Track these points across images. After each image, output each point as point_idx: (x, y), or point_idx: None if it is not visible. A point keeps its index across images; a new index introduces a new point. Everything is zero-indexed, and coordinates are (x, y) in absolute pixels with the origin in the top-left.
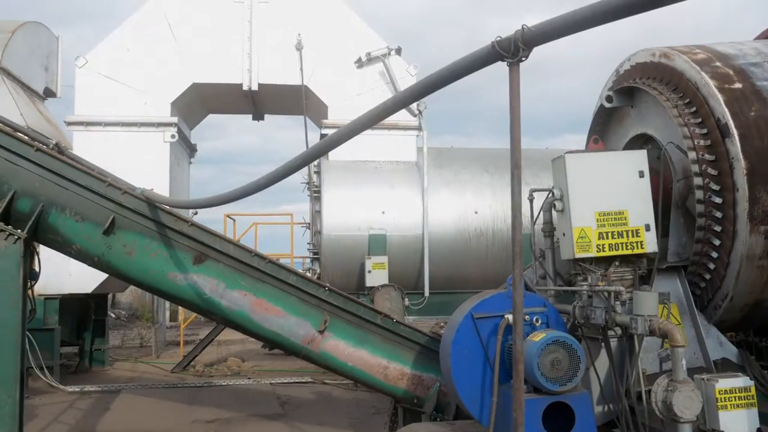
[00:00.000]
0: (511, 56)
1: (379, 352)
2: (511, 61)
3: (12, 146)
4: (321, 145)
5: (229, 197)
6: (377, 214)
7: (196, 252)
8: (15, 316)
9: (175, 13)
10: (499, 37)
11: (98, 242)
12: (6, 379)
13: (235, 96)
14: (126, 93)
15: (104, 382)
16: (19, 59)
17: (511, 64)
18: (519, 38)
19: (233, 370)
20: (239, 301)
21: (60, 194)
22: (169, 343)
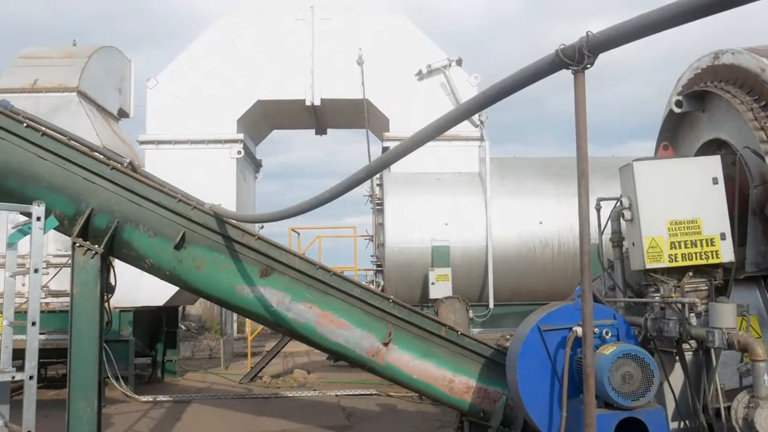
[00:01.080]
0: (576, 64)
1: (444, 365)
2: (575, 69)
3: (89, 165)
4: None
5: (295, 211)
6: (440, 226)
7: (263, 265)
8: (93, 327)
9: (240, 33)
10: (563, 45)
11: (170, 257)
12: (85, 388)
13: (299, 111)
14: (194, 111)
15: (176, 392)
16: (94, 82)
17: (576, 72)
18: (584, 45)
19: (299, 382)
20: (305, 314)
21: (134, 210)
22: (237, 355)
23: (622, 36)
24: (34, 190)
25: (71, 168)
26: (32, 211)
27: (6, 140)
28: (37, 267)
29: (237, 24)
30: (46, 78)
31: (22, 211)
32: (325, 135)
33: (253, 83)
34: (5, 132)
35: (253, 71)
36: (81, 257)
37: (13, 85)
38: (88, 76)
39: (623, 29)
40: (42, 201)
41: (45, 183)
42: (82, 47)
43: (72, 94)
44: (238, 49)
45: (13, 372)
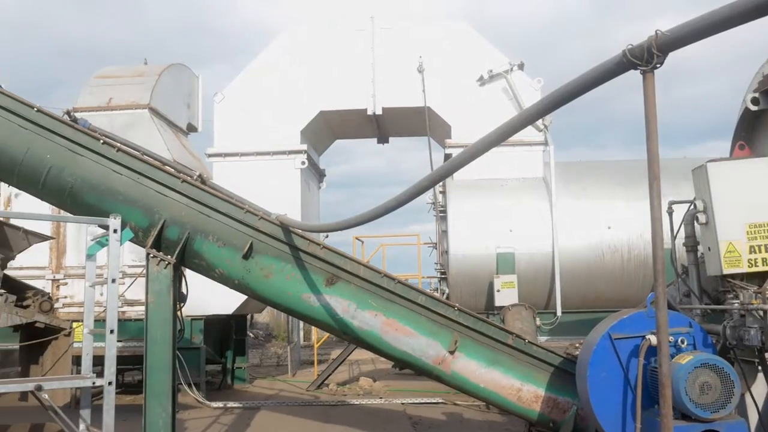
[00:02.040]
0: (645, 64)
1: (511, 373)
2: (644, 69)
3: (161, 179)
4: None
5: (360, 220)
6: (504, 232)
7: (329, 274)
8: (167, 335)
9: (302, 46)
10: (630, 45)
11: (238, 266)
12: (161, 394)
13: (360, 121)
14: (259, 123)
15: (245, 398)
16: (165, 99)
17: (645, 72)
18: (652, 44)
19: (365, 390)
20: (370, 322)
21: (204, 222)
22: (304, 362)
23: (692, 34)
24: (111, 204)
25: (144, 182)
26: (109, 223)
27: (85, 157)
28: (114, 277)
29: (299, 37)
30: (120, 96)
31: (99, 224)
32: (387, 143)
33: (316, 94)
34: (84, 149)
35: (315, 83)
36: (155, 267)
37: (90, 104)
38: (158, 93)
39: (694, 26)
40: (118, 214)
41: (121, 197)
42: (152, 66)
43: (144, 111)
44: (300, 61)
45: (93, 378)
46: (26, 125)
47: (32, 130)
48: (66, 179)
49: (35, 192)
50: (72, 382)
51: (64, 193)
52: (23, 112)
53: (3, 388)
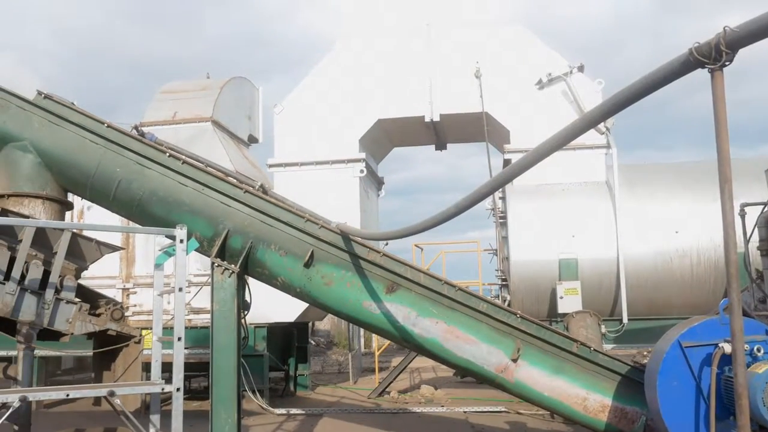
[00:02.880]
0: (713, 62)
1: (577, 382)
2: (713, 67)
3: (225, 189)
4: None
5: (420, 228)
6: (567, 238)
7: (389, 281)
8: (232, 342)
9: (358, 55)
10: (697, 43)
11: (300, 274)
12: (227, 400)
13: (418, 128)
14: (317, 133)
15: (308, 405)
16: (226, 111)
17: (714, 71)
18: (721, 41)
19: (426, 398)
20: (431, 329)
21: (266, 231)
22: (365, 370)
23: (762, 29)
24: (177, 215)
25: (209, 193)
26: (176, 234)
27: (152, 169)
28: (181, 286)
29: (355, 47)
30: (184, 110)
31: (167, 234)
32: (446, 150)
33: (373, 103)
34: (152, 162)
35: (372, 91)
36: (219, 276)
37: (156, 119)
38: (220, 106)
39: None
40: (184, 224)
41: (186, 207)
42: (214, 79)
43: (207, 124)
44: (357, 70)
45: (162, 384)
46: (97, 140)
47: (103, 145)
48: (135, 191)
49: (106, 204)
50: (142, 388)
51: (133, 205)
52: (94, 128)
53: (78, 393)
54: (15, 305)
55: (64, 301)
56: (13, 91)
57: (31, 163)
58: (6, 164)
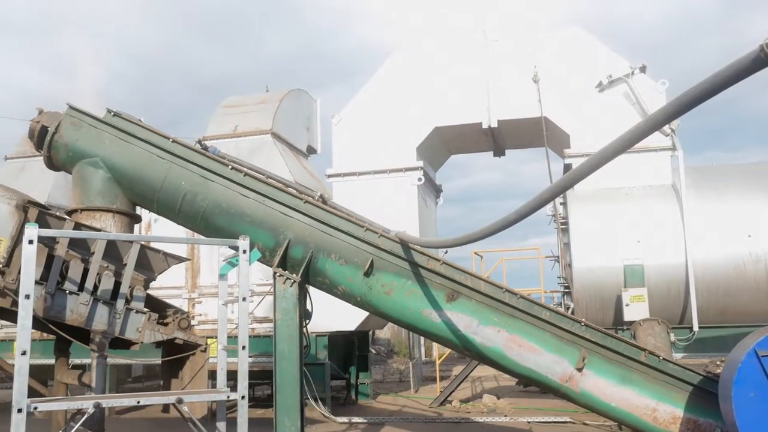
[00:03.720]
0: None
1: (645, 392)
2: None
3: (285, 200)
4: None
5: (480, 235)
6: (632, 243)
7: (449, 290)
8: (294, 351)
9: (414, 64)
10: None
11: (360, 283)
12: (290, 408)
13: (476, 135)
14: (375, 142)
15: (369, 414)
16: (285, 123)
17: None
18: None
19: (489, 407)
20: (493, 338)
21: (326, 240)
22: (426, 378)
23: None
24: (240, 226)
25: (270, 204)
26: (239, 244)
27: (215, 182)
28: (244, 296)
29: (411, 55)
30: (245, 123)
31: (230, 245)
32: (504, 156)
33: (430, 111)
34: (215, 175)
35: (429, 99)
36: (281, 286)
37: (218, 132)
38: (279, 119)
39: None
40: (246, 235)
41: (248, 219)
42: (273, 92)
43: (267, 136)
44: (413, 79)
45: (227, 392)
46: (163, 155)
47: (169, 159)
48: (199, 204)
49: (172, 217)
50: (209, 395)
51: (197, 217)
52: (160, 143)
53: (148, 400)
54: (88, 315)
55: (134, 310)
56: (84, 110)
57: (102, 178)
58: (79, 180)
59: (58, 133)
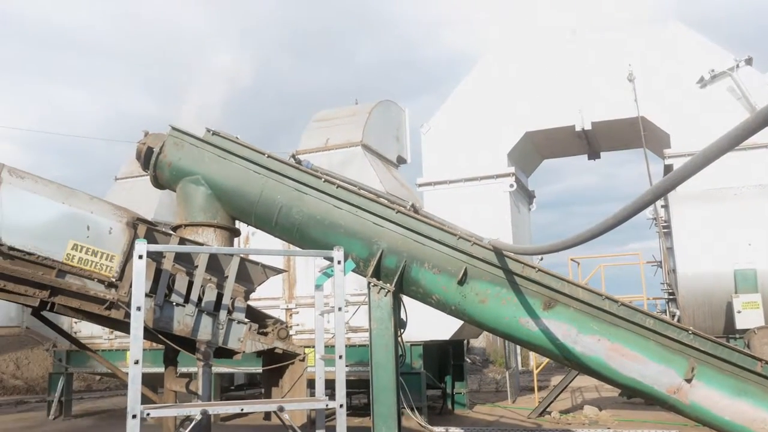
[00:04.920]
0: None
1: (763, 405)
2: None
3: (378, 211)
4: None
5: (576, 240)
6: (742, 247)
7: (546, 297)
8: (390, 360)
9: (503, 69)
10: None
11: (454, 292)
12: (387, 417)
13: (569, 138)
14: (465, 150)
15: (466, 424)
16: (375, 134)
17: None
18: None
19: (590, 419)
20: (593, 347)
21: (419, 249)
22: (523, 388)
23: None
24: (334, 237)
25: (362, 214)
26: (333, 255)
27: (310, 195)
28: (340, 306)
29: (499, 61)
30: (336, 136)
31: (325, 256)
32: (599, 159)
33: (520, 116)
34: (309, 188)
35: (518, 104)
36: (375, 295)
37: (310, 146)
38: (369, 130)
39: None
40: (341, 246)
41: (342, 230)
42: (362, 104)
43: (357, 148)
44: (502, 84)
45: (326, 400)
46: (259, 170)
47: (265, 174)
48: (294, 216)
49: (269, 230)
50: (308, 404)
51: (293, 230)
52: (257, 159)
53: (252, 408)
54: (194, 326)
55: (235, 321)
56: (186, 130)
57: (203, 194)
58: (182, 197)
59: (162, 153)
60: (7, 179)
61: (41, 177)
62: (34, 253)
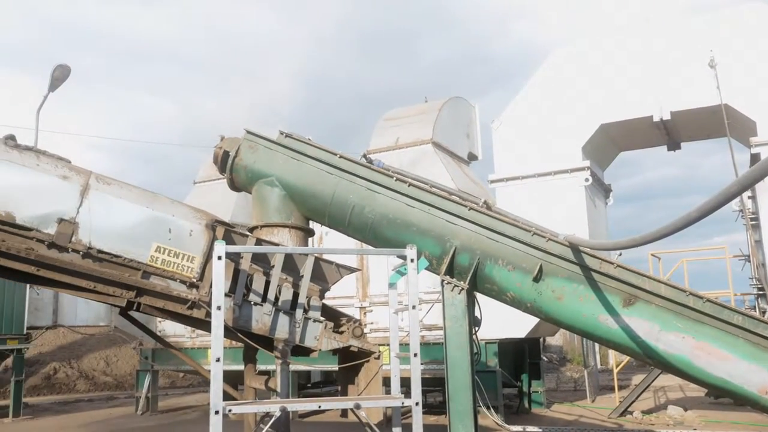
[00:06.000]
0: None
1: None
2: None
3: (450, 208)
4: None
5: (656, 235)
6: None
7: (625, 294)
8: (465, 358)
9: (575, 61)
10: None
11: (529, 289)
12: (463, 415)
13: (646, 129)
14: (537, 145)
15: (544, 423)
16: (445, 132)
17: None
18: None
19: (675, 420)
20: (677, 345)
21: (492, 246)
22: (603, 388)
23: None
24: (406, 235)
25: (435, 212)
26: (406, 254)
27: (381, 194)
28: (414, 304)
29: (571, 52)
30: (406, 135)
31: (398, 254)
32: (679, 150)
33: (594, 108)
34: (380, 187)
35: (592, 96)
36: (449, 293)
37: (380, 146)
38: (439, 128)
39: None
40: (414, 244)
41: (414, 228)
42: (432, 102)
43: (427, 146)
44: (575, 77)
45: (402, 398)
46: (332, 171)
47: (337, 175)
48: (367, 215)
49: (342, 229)
50: (384, 401)
51: (366, 229)
52: (329, 159)
53: (329, 405)
54: (271, 324)
55: (311, 319)
56: (260, 133)
57: (278, 196)
58: (258, 198)
59: (237, 156)
60: (95, 186)
61: (126, 182)
62: (120, 256)
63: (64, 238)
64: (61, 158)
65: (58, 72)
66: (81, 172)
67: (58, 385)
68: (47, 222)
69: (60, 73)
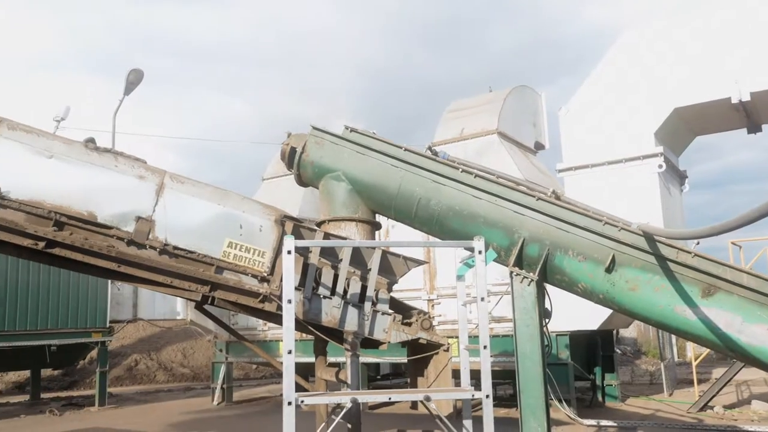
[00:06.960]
0: None
1: None
2: None
3: (518, 199)
4: None
5: (736, 223)
6: None
7: (704, 284)
8: (536, 351)
9: (646, 43)
10: None
11: (601, 280)
12: (535, 408)
13: (724, 112)
14: (607, 132)
15: (619, 417)
16: (511, 121)
17: None
18: None
19: (760, 416)
20: (762, 337)
21: (562, 237)
22: (681, 381)
23: None
24: (473, 227)
25: (502, 203)
26: (474, 245)
27: (447, 186)
28: (482, 296)
29: (643, 33)
30: (471, 125)
31: (465, 246)
32: (761, 132)
33: (667, 91)
34: (446, 179)
35: (665, 79)
36: (518, 285)
37: (445, 137)
38: (504, 117)
39: None
40: (481, 236)
41: (481, 219)
42: (497, 92)
43: (493, 136)
44: (646, 59)
45: (472, 390)
46: (397, 164)
47: (402, 168)
48: (433, 208)
49: (408, 222)
50: (455, 394)
51: (432, 221)
52: (394, 152)
53: (399, 397)
54: (341, 317)
55: (380, 312)
56: (325, 129)
57: (344, 190)
58: (325, 193)
59: (304, 152)
60: (170, 184)
61: (198, 181)
62: (195, 252)
63: (142, 235)
64: (138, 159)
65: (132, 76)
66: (156, 172)
67: (139, 375)
68: (126, 220)
69: (134, 77)
